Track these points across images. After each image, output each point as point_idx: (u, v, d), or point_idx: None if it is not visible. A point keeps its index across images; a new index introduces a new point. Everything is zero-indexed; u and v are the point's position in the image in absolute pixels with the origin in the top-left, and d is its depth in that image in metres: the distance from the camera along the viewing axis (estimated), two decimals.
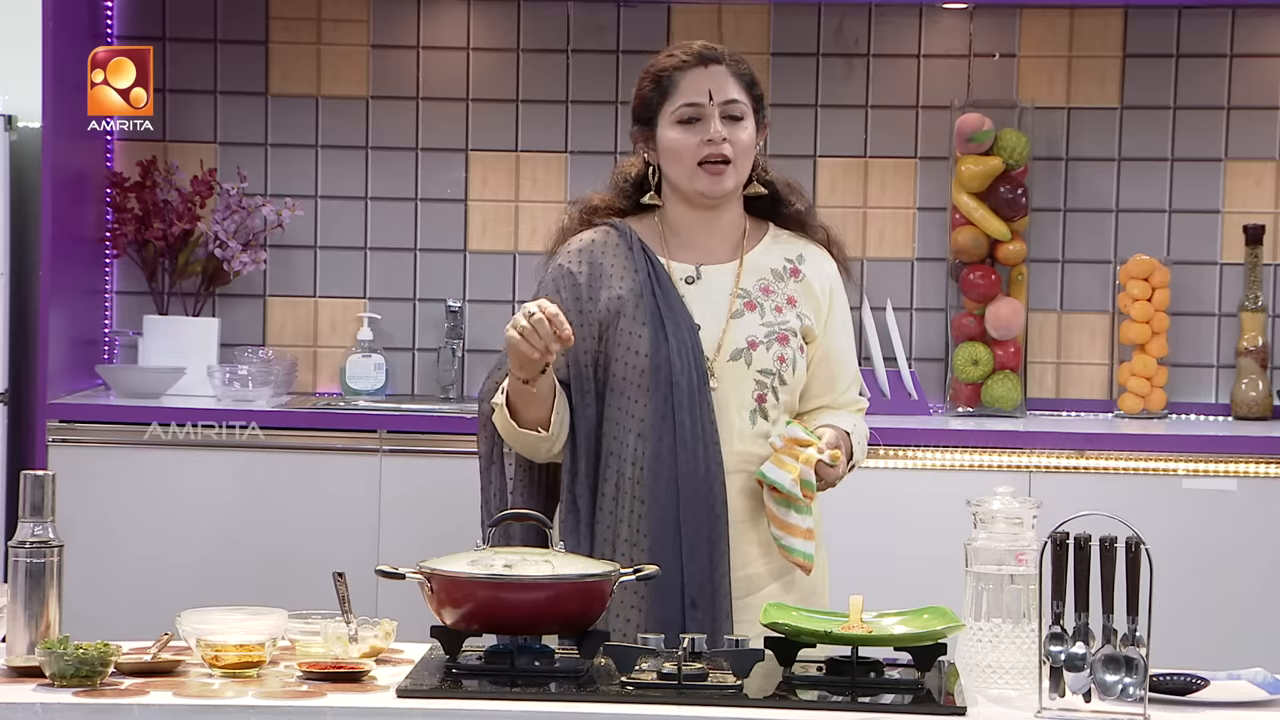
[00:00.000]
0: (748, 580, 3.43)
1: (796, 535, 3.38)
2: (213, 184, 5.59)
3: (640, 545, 3.37)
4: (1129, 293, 5.51)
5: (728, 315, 3.47)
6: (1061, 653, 2.83)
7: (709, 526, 3.37)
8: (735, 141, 3.44)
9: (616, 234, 3.51)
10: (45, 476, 3.04)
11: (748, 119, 3.47)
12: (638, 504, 3.39)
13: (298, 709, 2.83)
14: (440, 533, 4.60)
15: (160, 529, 5.16)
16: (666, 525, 3.37)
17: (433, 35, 5.69)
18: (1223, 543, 5.03)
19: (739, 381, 3.44)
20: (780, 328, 3.48)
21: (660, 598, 3.33)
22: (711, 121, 3.43)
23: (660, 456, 3.38)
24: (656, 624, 3.31)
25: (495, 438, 3.49)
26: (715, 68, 3.46)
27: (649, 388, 3.40)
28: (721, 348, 3.45)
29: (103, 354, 5.65)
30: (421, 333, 5.73)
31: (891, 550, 4.99)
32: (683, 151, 3.45)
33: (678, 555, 3.35)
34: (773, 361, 3.46)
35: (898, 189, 5.65)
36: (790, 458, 3.36)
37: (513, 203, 5.71)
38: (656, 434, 3.39)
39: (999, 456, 5.08)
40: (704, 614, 3.35)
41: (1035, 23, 5.60)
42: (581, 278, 3.47)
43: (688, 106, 3.45)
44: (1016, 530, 3.01)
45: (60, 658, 2.90)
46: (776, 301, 3.50)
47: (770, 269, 3.53)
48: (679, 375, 3.39)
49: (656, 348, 3.40)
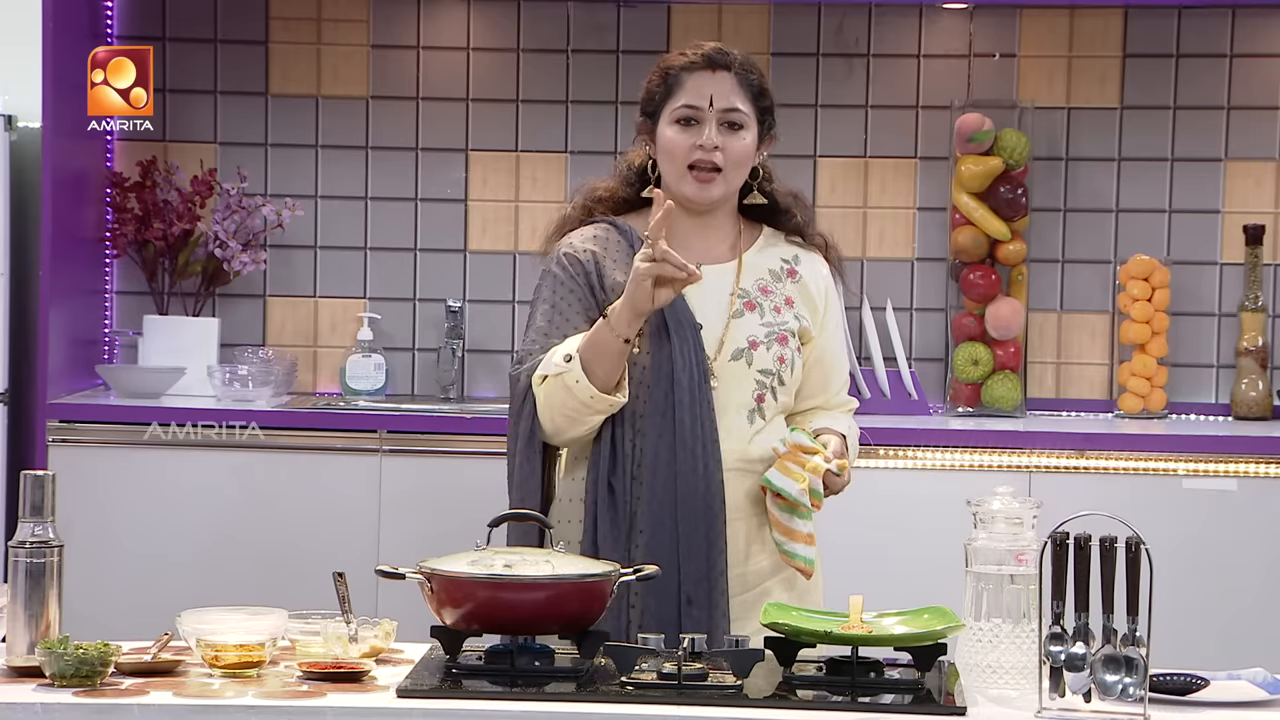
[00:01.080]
0: (744, 578, 3.43)
1: (799, 541, 3.38)
2: (213, 184, 5.59)
3: (637, 542, 3.37)
4: (1129, 293, 5.51)
5: (729, 314, 3.47)
6: (1061, 653, 2.83)
7: (706, 525, 3.37)
8: (729, 150, 3.44)
9: (617, 231, 3.51)
10: (45, 476, 3.04)
11: (748, 129, 3.46)
12: (636, 501, 3.39)
13: (298, 709, 2.83)
14: (440, 533, 4.60)
15: (160, 529, 5.16)
16: (664, 523, 3.37)
17: (433, 35, 5.69)
18: (1223, 543, 5.03)
19: (739, 381, 3.44)
20: (780, 328, 3.49)
21: (657, 595, 3.33)
22: (707, 126, 3.43)
23: (659, 454, 3.38)
24: (653, 621, 3.31)
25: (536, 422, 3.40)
26: (722, 73, 3.46)
27: (649, 385, 3.40)
28: (723, 347, 3.45)
29: (103, 354, 5.65)
30: (421, 333, 5.73)
31: (891, 550, 4.99)
32: (675, 151, 3.45)
33: (675, 553, 3.35)
34: (773, 361, 3.46)
35: (898, 189, 5.65)
36: (795, 464, 3.36)
37: (513, 203, 5.71)
38: (656, 431, 3.39)
39: (999, 456, 5.08)
40: (700, 611, 3.35)
41: (1035, 23, 5.60)
42: (590, 265, 3.46)
43: (687, 108, 3.45)
44: (1016, 530, 3.02)
45: (60, 658, 2.90)
46: (775, 302, 3.51)
47: (768, 269, 3.54)
48: (680, 373, 3.39)
49: (659, 346, 3.40)
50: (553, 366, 3.35)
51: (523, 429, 3.42)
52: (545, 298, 3.48)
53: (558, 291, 3.47)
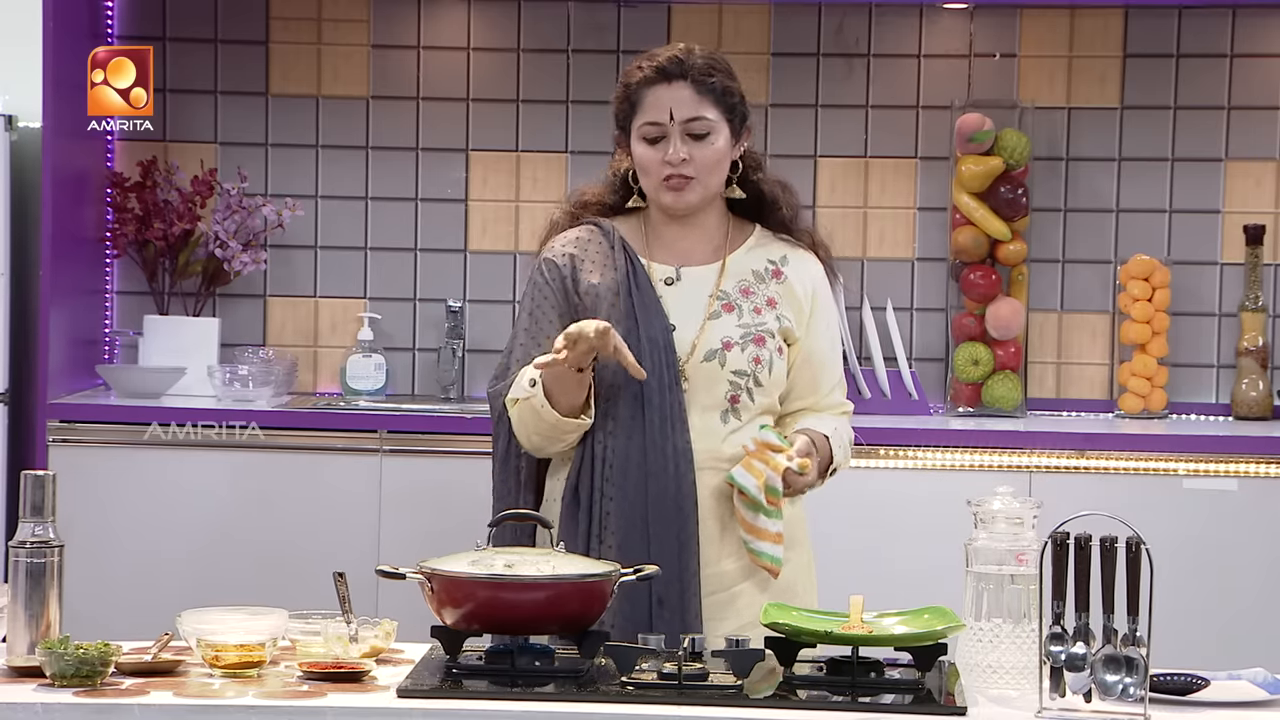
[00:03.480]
0: (718, 578, 3.43)
1: (765, 539, 3.38)
2: (213, 184, 5.59)
3: (609, 543, 3.38)
4: (1129, 293, 5.51)
5: (705, 316, 3.48)
6: (1062, 653, 2.83)
7: (678, 525, 3.38)
8: (697, 159, 3.44)
9: (600, 233, 3.54)
10: (45, 476, 3.04)
11: (715, 133, 3.45)
12: (607, 501, 3.40)
13: (298, 709, 2.83)
14: (440, 532, 4.60)
15: (161, 529, 5.16)
16: (635, 523, 3.38)
17: (433, 35, 5.69)
18: (1223, 543, 5.03)
19: (711, 382, 3.45)
20: (757, 329, 3.48)
21: (627, 595, 3.31)
22: (672, 141, 3.44)
23: (629, 455, 3.40)
24: (625, 621, 3.30)
25: (513, 439, 3.48)
26: (678, 84, 3.45)
27: (621, 385, 3.42)
28: (695, 349, 3.46)
29: (103, 354, 5.65)
30: (422, 333, 5.73)
31: (892, 550, 4.99)
32: (648, 167, 3.48)
33: (645, 553, 3.35)
34: (747, 362, 3.46)
35: (898, 189, 5.65)
36: (761, 462, 3.36)
37: (513, 203, 5.71)
38: (626, 432, 3.41)
39: (999, 456, 5.08)
40: (671, 613, 3.35)
41: (1035, 23, 5.60)
42: (566, 270, 3.50)
43: (650, 125, 3.46)
44: (1017, 530, 3.02)
45: (61, 658, 2.90)
46: (756, 303, 3.51)
47: (752, 270, 3.54)
48: (650, 375, 3.40)
49: (630, 349, 3.40)
50: (521, 390, 3.42)
51: (499, 446, 3.52)
52: (526, 305, 3.55)
53: (535, 299, 3.53)
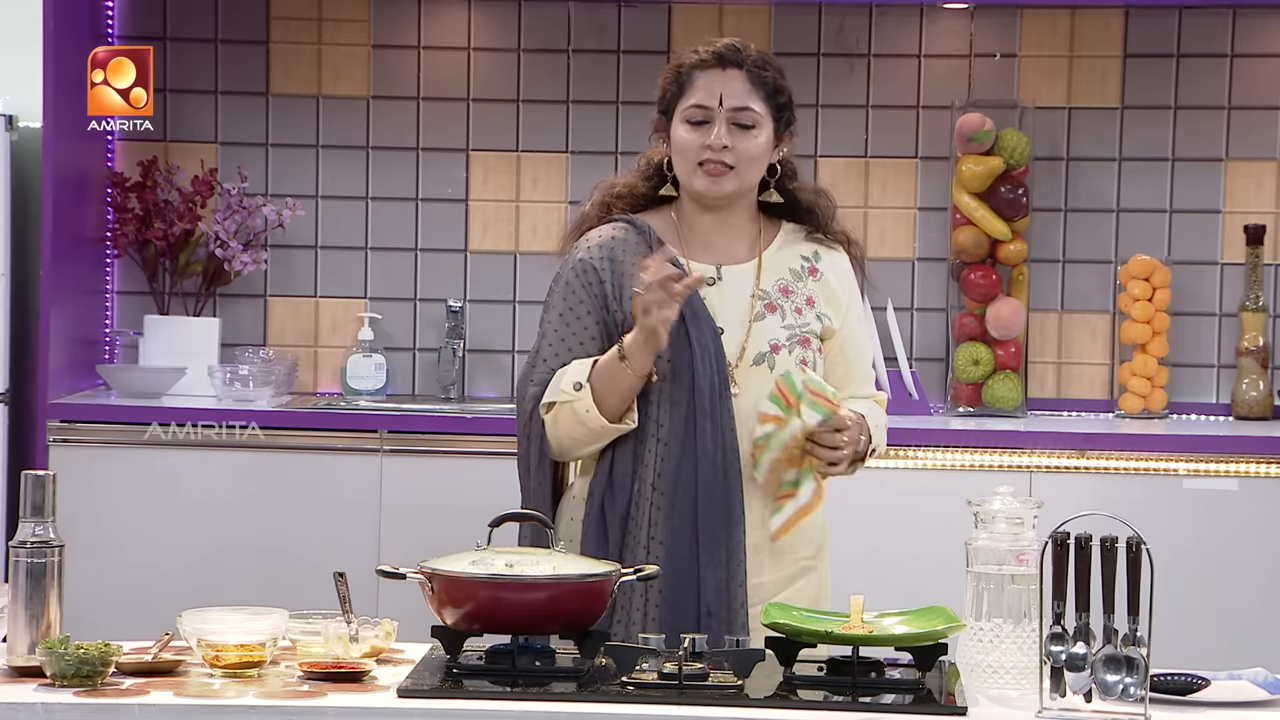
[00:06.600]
0: (759, 588, 3.40)
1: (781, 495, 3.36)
2: (213, 184, 5.59)
3: (656, 553, 3.34)
4: (1130, 293, 5.51)
5: (749, 318, 3.43)
6: (1062, 653, 2.83)
7: (726, 535, 3.34)
8: (739, 150, 3.40)
9: (634, 230, 3.47)
10: (46, 476, 3.04)
11: (760, 128, 3.42)
12: (656, 512, 3.36)
13: (298, 709, 2.83)
14: (441, 532, 4.60)
15: (161, 529, 5.16)
16: (684, 533, 3.34)
17: (433, 35, 5.69)
18: (1223, 543, 5.03)
19: (761, 387, 3.39)
20: (802, 330, 3.45)
21: (675, 605, 3.30)
22: (717, 126, 3.41)
23: (681, 464, 3.35)
24: (671, 632, 3.27)
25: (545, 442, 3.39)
26: (733, 71, 3.42)
27: (670, 393, 3.37)
28: (745, 353, 3.42)
29: (103, 354, 5.65)
30: (422, 333, 5.72)
31: (892, 550, 4.99)
32: (686, 150, 3.42)
33: (695, 563, 3.32)
34: (794, 365, 3.42)
35: (898, 189, 5.65)
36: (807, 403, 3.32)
37: (513, 203, 5.71)
38: (678, 441, 3.35)
39: (1000, 456, 5.08)
40: (719, 624, 3.31)
41: (1036, 23, 5.60)
42: (605, 274, 3.42)
43: (696, 108, 3.42)
44: (1017, 530, 3.02)
45: (61, 658, 2.90)
46: (796, 303, 3.47)
47: (789, 268, 3.49)
48: (701, 381, 3.35)
49: (679, 353, 3.36)
50: (561, 394, 3.35)
51: (532, 449, 3.42)
52: (556, 304, 3.46)
53: (568, 300, 3.44)
